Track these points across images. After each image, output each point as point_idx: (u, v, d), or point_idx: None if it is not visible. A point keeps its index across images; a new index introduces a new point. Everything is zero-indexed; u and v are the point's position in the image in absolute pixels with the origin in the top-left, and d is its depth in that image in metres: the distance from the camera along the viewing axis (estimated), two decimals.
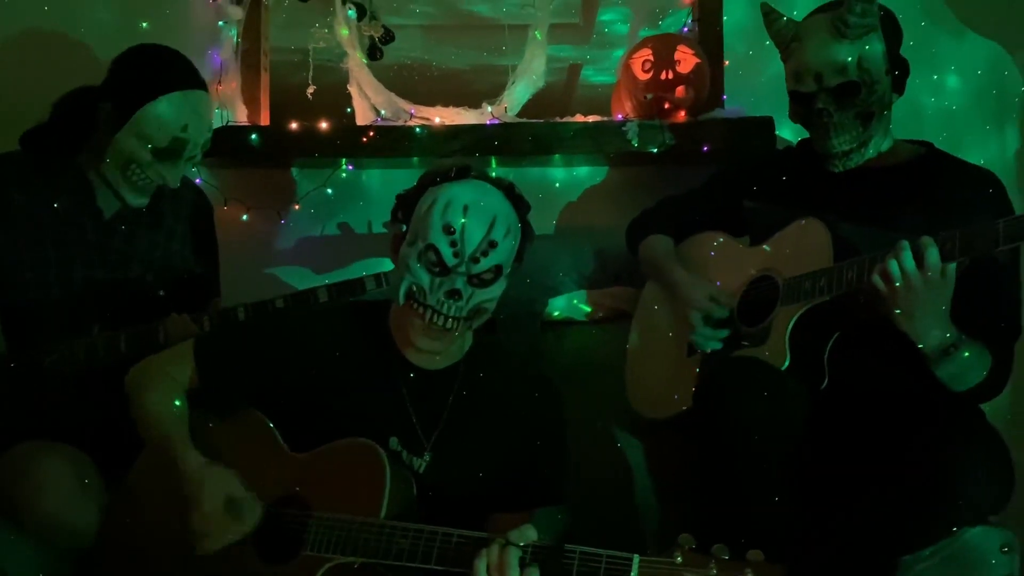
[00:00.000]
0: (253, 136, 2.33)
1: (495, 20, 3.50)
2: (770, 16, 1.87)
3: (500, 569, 1.27)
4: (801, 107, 1.82)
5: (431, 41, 3.75)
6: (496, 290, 1.54)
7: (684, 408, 1.79)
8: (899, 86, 1.82)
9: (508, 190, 1.56)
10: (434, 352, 1.55)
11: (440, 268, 1.50)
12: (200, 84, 1.92)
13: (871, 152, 1.82)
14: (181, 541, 1.50)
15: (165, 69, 1.89)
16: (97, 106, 1.87)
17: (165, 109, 1.83)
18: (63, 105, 1.94)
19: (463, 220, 1.48)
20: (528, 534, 1.31)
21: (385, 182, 2.47)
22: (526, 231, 1.58)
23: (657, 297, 2.01)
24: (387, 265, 1.87)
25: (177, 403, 1.58)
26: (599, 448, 2.06)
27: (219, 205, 2.34)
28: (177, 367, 1.61)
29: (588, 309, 2.27)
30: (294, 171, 2.48)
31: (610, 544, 1.33)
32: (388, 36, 2.46)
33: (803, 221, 1.74)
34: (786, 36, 1.83)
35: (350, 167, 2.40)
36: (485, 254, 1.49)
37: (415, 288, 1.50)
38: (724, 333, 1.78)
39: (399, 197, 1.61)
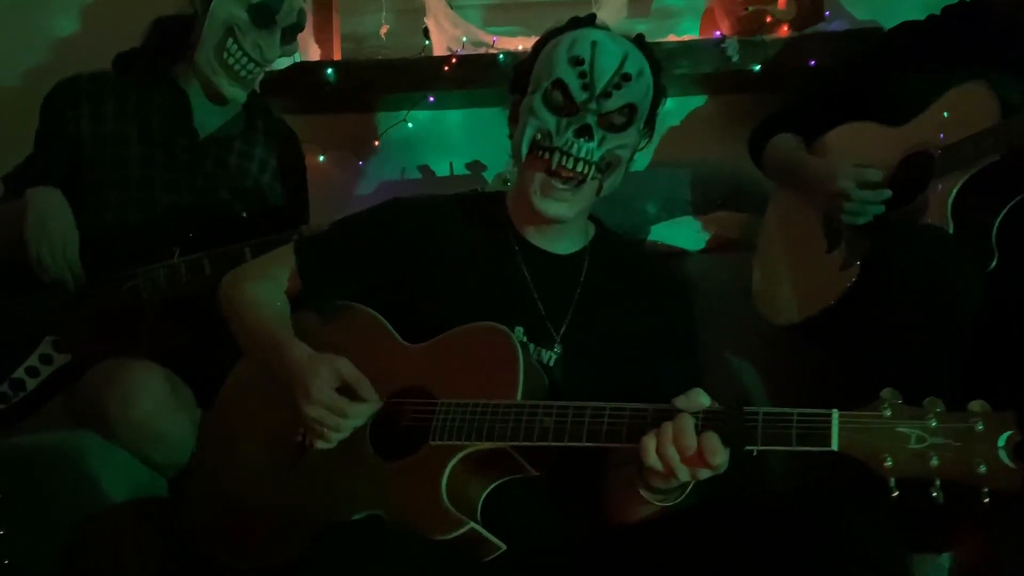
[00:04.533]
0: (328, 71, 2.21)
1: None
2: None
3: (676, 439, 1.09)
4: None
5: (491, 22, 3.66)
6: (630, 137, 1.37)
7: (826, 306, 1.63)
8: None
9: (638, 40, 1.41)
10: (560, 216, 1.37)
11: (568, 106, 1.34)
12: None
13: None
14: (286, 453, 1.34)
15: None
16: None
17: None
18: (160, 24, 1.91)
19: (592, 52, 1.33)
20: (699, 399, 1.13)
21: (467, 121, 2.34)
22: (658, 89, 1.42)
23: (787, 199, 1.85)
24: None
25: (279, 303, 1.44)
26: (714, 375, 1.92)
27: None
28: (276, 268, 1.47)
29: (695, 235, 2.11)
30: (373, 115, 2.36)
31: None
32: None
33: (962, 86, 1.57)
34: None
35: (431, 99, 2.26)
36: (618, 87, 1.34)
37: (539, 135, 1.34)
38: (886, 194, 1.59)
39: (515, 67, 1.48)
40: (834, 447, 1.03)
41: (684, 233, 2.15)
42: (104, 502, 1.40)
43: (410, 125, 2.30)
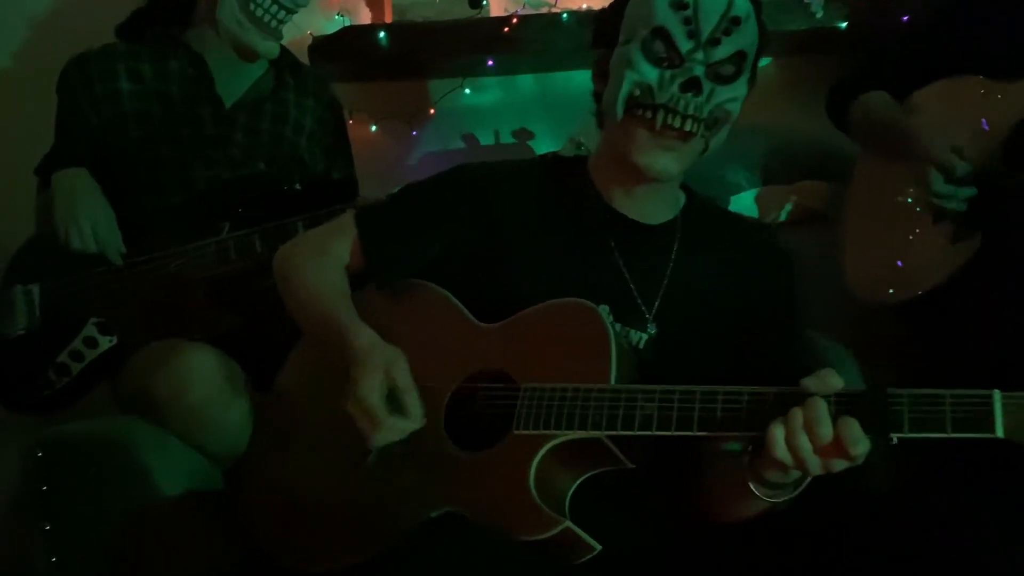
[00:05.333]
0: (380, 35, 2.08)
1: None
2: None
3: (809, 427, 0.95)
4: None
5: None
6: (739, 88, 1.22)
7: (937, 282, 1.48)
8: None
9: None
10: (666, 171, 1.22)
11: (671, 57, 1.19)
12: None
13: None
14: (352, 445, 1.20)
15: None
16: None
17: None
18: None
19: None
20: (832, 381, 0.98)
21: (530, 87, 2.21)
22: (763, 33, 1.26)
23: (879, 164, 1.68)
24: None
25: (339, 281, 1.31)
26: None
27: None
28: (336, 241, 1.34)
29: (775, 206, 1.96)
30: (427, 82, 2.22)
31: None
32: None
33: None
34: None
35: (489, 63, 2.12)
36: (727, 32, 1.18)
37: (638, 91, 1.19)
38: (969, 192, 1.45)
39: (600, 16, 1.33)
40: (999, 433, 0.88)
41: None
42: (156, 495, 1.28)
43: (467, 92, 2.17)
